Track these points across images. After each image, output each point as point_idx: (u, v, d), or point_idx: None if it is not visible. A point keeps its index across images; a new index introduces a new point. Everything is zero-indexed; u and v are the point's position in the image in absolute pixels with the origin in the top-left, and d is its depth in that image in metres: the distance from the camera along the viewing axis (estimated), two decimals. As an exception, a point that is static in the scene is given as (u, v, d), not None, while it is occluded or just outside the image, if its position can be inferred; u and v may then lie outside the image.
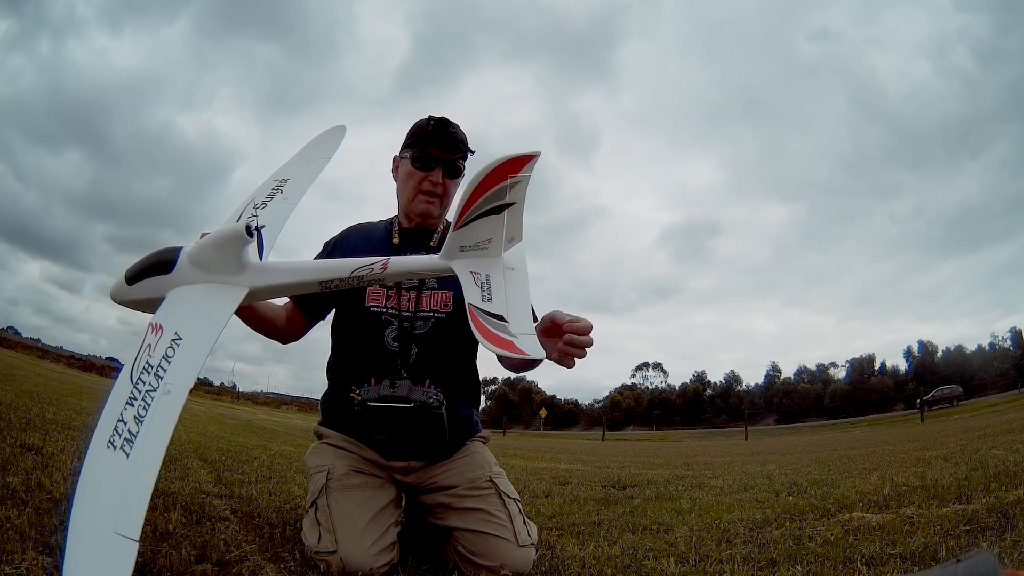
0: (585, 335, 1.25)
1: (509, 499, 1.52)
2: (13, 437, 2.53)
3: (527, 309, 1.16)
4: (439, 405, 1.47)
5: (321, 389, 1.74)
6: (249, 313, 1.50)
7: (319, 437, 1.65)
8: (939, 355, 43.07)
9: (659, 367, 53.08)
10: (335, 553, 1.35)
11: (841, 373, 47.09)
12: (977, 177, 75.13)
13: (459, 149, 1.60)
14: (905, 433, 9.69)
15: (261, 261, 1.34)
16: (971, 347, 42.41)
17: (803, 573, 1.42)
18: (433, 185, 1.60)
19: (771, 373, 49.99)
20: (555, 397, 52.08)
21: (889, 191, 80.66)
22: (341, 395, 1.59)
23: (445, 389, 1.52)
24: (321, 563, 1.36)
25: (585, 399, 54.18)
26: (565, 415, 50.05)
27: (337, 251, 1.65)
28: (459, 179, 1.65)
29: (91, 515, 0.91)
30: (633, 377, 53.42)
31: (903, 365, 44.43)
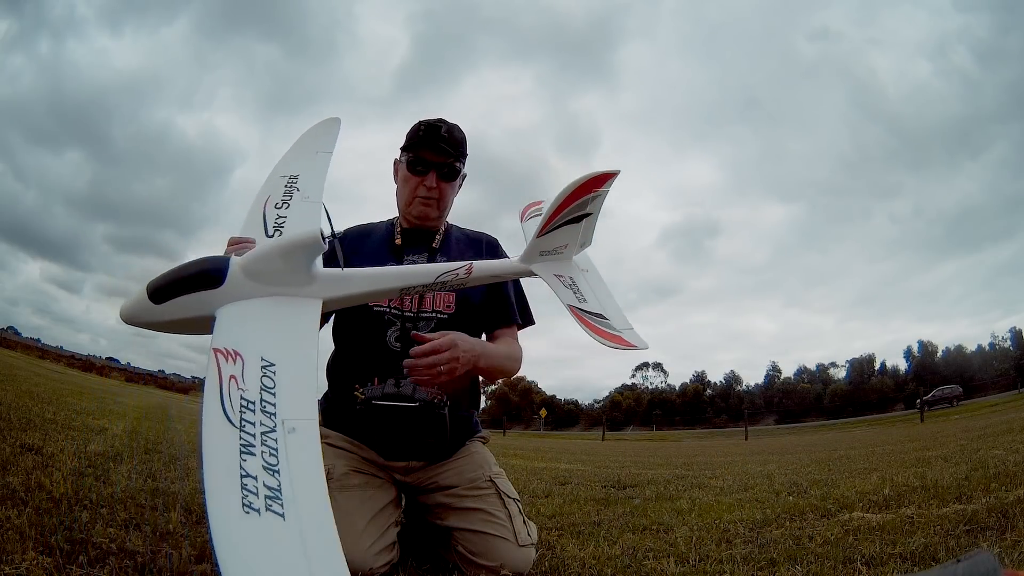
0: (419, 356, 1.33)
1: (509, 499, 1.52)
2: (13, 437, 2.54)
3: (616, 305, 1.32)
4: (442, 405, 1.47)
5: (320, 389, 1.74)
6: None
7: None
8: (939, 355, 43.01)
9: (659, 367, 52.97)
10: (335, 553, 1.35)
11: (841, 373, 47.03)
12: (977, 177, 75.17)
13: (454, 152, 1.60)
14: (905, 433, 9.68)
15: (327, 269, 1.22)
16: (971, 347, 42.36)
17: (803, 573, 1.42)
18: (428, 190, 1.60)
19: (771, 373, 49.93)
20: (555, 397, 52.05)
21: (889, 191, 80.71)
22: (341, 395, 1.59)
23: (446, 389, 1.51)
24: (321, 563, 1.36)
25: (585, 399, 54.17)
26: (565, 415, 49.98)
27: None
28: (455, 182, 1.65)
29: None
30: (633, 377, 53.34)
31: (903, 365, 44.38)
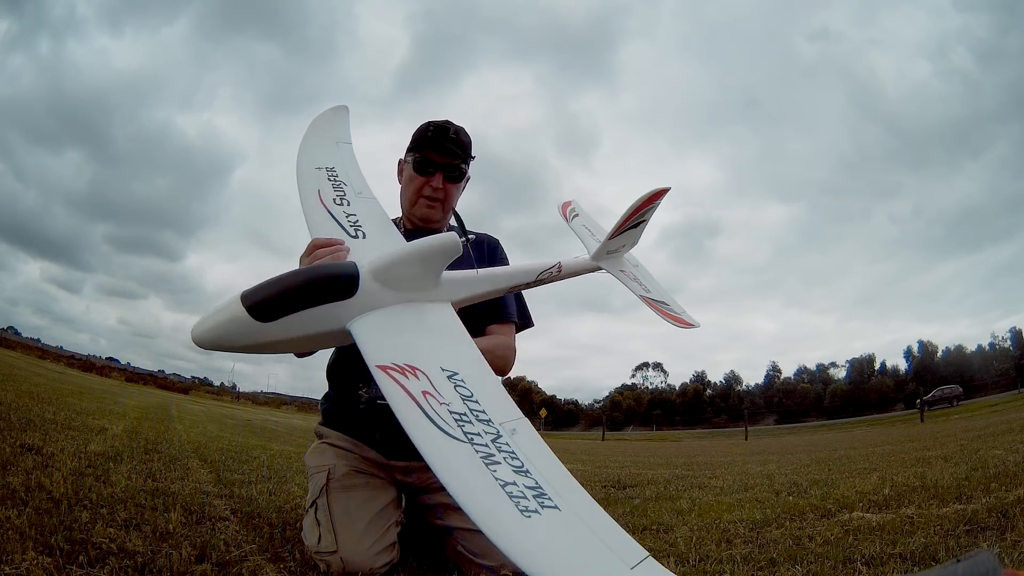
0: None
1: (510, 499, 1.52)
2: (13, 437, 2.53)
3: (668, 292, 1.66)
4: None
5: (321, 389, 1.74)
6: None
7: (319, 437, 1.64)
8: (939, 355, 43.00)
9: (659, 367, 53.02)
10: (335, 553, 1.35)
11: (841, 373, 47.04)
12: (977, 177, 75.06)
13: (460, 154, 1.60)
14: (905, 433, 9.68)
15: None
16: (971, 347, 42.36)
17: (803, 573, 1.42)
18: (434, 190, 1.60)
19: (771, 373, 49.94)
20: (555, 397, 52.05)
21: (889, 191, 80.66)
22: (343, 395, 1.59)
23: None
24: (321, 563, 1.36)
25: (585, 399, 54.21)
26: (565, 415, 49.96)
27: None
28: (460, 183, 1.65)
29: None
30: (633, 377, 53.38)
31: (903, 365, 44.37)
